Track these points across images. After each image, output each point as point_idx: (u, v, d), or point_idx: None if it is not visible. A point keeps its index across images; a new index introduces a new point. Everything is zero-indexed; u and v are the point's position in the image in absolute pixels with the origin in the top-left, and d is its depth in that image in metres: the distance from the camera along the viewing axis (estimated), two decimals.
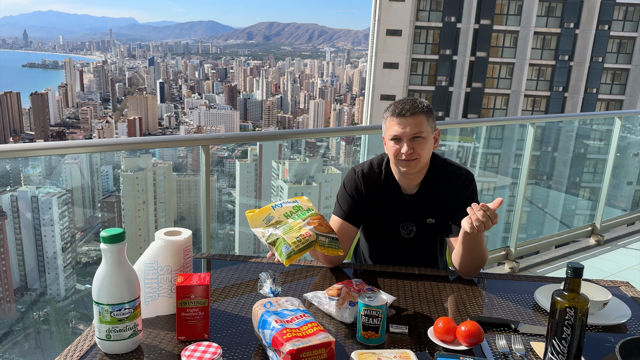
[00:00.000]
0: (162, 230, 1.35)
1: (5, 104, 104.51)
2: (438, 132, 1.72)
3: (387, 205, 1.74)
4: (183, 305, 1.19)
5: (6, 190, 7.62)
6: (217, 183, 12.39)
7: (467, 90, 32.05)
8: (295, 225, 1.36)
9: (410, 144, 1.63)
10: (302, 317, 1.15)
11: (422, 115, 1.63)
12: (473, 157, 5.73)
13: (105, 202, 9.65)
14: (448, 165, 1.74)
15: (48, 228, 8.35)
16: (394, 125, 1.64)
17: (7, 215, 7.83)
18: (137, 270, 1.31)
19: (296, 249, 1.31)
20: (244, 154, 11.50)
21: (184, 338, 1.21)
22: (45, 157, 7.24)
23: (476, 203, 1.46)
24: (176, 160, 17.42)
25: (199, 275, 1.23)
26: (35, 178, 7.78)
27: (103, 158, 8.64)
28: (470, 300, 1.50)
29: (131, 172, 8.74)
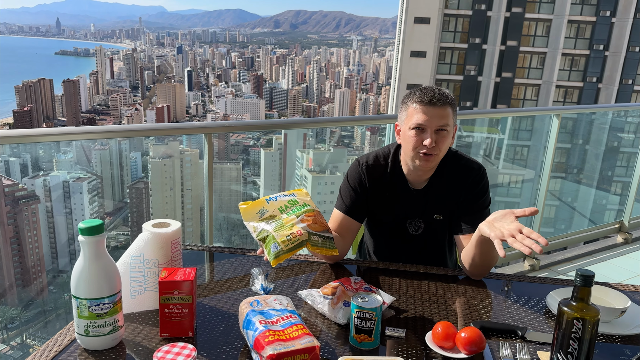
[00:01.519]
0: (150, 222, 1.29)
1: (39, 91, 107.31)
2: (456, 127, 1.62)
3: (393, 200, 1.65)
4: (166, 301, 1.14)
5: (39, 174, 7.78)
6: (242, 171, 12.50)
7: (496, 80, 31.31)
8: (287, 221, 1.29)
9: (434, 137, 1.52)
10: (289, 318, 1.08)
11: (450, 107, 1.53)
12: (498, 149, 5.57)
13: (133, 188, 9.83)
14: (459, 159, 1.64)
15: (78, 212, 8.53)
16: (419, 114, 1.52)
17: (40, 199, 8.00)
18: (123, 263, 1.26)
19: (285, 248, 1.23)
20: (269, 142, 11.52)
21: (167, 335, 1.16)
22: (77, 143, 7.38)
23: (522, 226, 1.30)
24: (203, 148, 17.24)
25: (184, 270, 1.18)
26: (67, 163, 7.95)
27: (132, 145, 8.76)
28: (476, 302, 1.41)
29: (159, 159, 8.87)
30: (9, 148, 8.00)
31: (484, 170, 1.62)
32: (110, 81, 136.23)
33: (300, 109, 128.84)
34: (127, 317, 1.24)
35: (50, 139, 2.26)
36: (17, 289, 3.87)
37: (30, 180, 7.84)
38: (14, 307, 3.81)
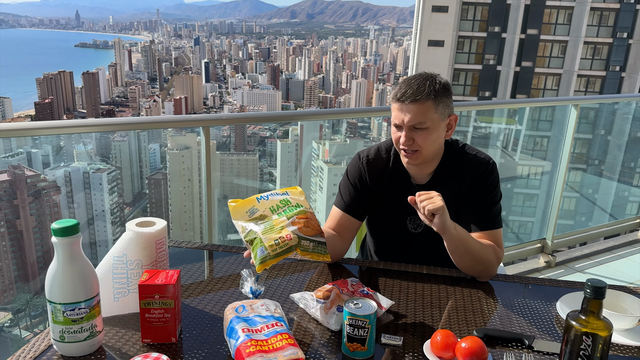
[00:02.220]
0: (134, 221, 1.23)
1: (59, 83, 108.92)
2: (454, 118, 1.49)
3: (394, 196, 1.56)
4: (147, 305, 1.08)
5: (60, 165, 7.87)
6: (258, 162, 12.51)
7: (516, 69, 30.72)
8: (277, 224, 1.21)
9: (409, 134, 1.43)
10: (274, 326, 1.01)
11: (429, 101, 1.40)
12: (515, 141, 5.43)
13: (152, 179, 9.91)
14: (466, 152, 1.54)
15: (98, 203, 8.61)
16: (395, 111, 1.45)
17: (61, 190, 8.10)
18: (106, 264, 1.21)
19: (272, 253, 1.15)
20: (285, 134, 11.49)
21: (149, 341, 1.10)
22: (96, 135, 7.44)
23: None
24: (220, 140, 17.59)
25: (167, 273, 1.11)
26: (86, 155, 8.01)
27: (151, 136, 8.82)
28: (481, 307, 1.32)
29: (177, 150, 8.92)
30: (31, 140, 8.08)
31: (493, 164, 1.52)
32: (129, 73, 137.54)
33: (317, 100, 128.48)
34: (109, 320, 1.19)
35: (41, 132, 2.21)
36: (39, 277, 3.92)
37: (52, 171, 7.94)
38: (37, 296, 3.85)
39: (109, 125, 2.28)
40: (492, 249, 1.44)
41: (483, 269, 1.43)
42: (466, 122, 5.30)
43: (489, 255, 1.42)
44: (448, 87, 1.45)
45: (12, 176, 7.38)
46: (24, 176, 7.53)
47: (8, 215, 7.92)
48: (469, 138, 5.31)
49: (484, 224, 1.48)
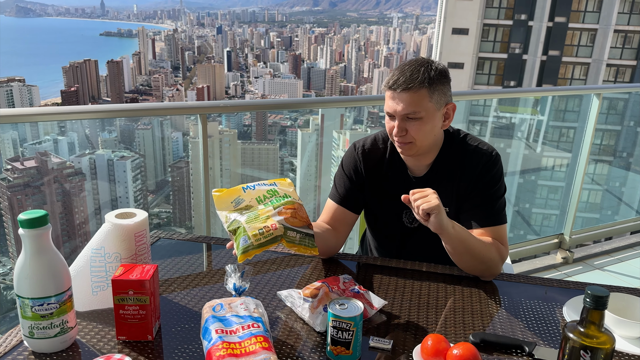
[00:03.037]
0: (114, 212, 1.18)
1: (84, 71, 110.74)
2: (452, 107, 1.39)
3: (390, 188, 1.48)
4: (120, 302, 1.03)
5: (85, 153, 7.98)
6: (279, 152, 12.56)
7: (542, 58, 29.97)
8: (262, 213, 1.14)
9: (402, 124, 1.34)
10: (250, 327, 0.94)
11: (423, 90, 1.30)
12: (536, 132, 5.26)
13: (175, 167, 10.01)
14: (468, 143, 1.44)
15: (122, 190, 8.75)
16: (387, 99, 1.36)
17: (86, 177, 8.21)
18: (84, 256, 1.16)
19: (256, 243, 1.08)
20: (306, 123, 11.42)
21: (124, 338, 1.05)
22: (121, 123, 7.52)
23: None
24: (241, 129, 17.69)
25: (143, 268, 1.06)
26: (111, 142, 8.11)
27: (173, 125, 8.87)
28: (481, 309, 1.23)
29: (199, 139, 8.87)
30: (58, 127, 8.15)
31: (496, 156, 1.41)
32: (152, 62, 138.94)
33: (338, 89, 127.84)
34: (87, 314, 1.14)
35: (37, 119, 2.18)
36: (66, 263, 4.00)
37: (77, 158, 8.05)
38: None
39: (108, 112, 2.24)
40: (495, 246, 1.35)
41: (485, 268, 1.34)
42: (486, 112, 5.16)
43: (491, 253, 1.33)
44: (445, 74, 1.35)
45: (39, 163, 7.50)
46: (51, 163, 7.64)
47: (36, 201, 8.06)
48: (489, 128, 5.16)
49: (486, 220, 1.38)
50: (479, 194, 1.39)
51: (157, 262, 1.40)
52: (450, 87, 1.38)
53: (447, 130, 1.45)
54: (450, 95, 1.39)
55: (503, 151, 5.04)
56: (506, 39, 30.35)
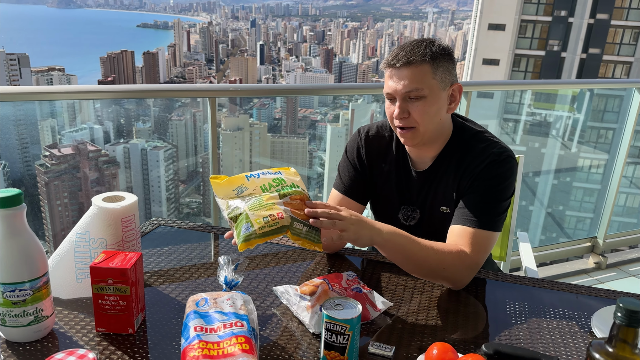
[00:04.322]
0: (102, 195, 1.11)
1: (121, 62, 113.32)
2: (458, 87, 1.24)
3: (389, 181, 1.36)
4: (99, 291, 0.95)
5: (120, 142, 8.16)
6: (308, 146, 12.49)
7: (582, 56, 28.97)
8: (267, 200, 1.04)
9: (403, 105, 1.21)
10: (233, 326, 0.85)
11: (425, 65, 1.18)
12: (572, 130, 5.03)
13: (206, 157, 10.05)
14: (479, 140, 1.27)
15: (155, 179, 8.91)
16: (387, 79, 1.23)
17: (120, 165, 8.41)
18: (69, 241, 1.09)
19: (259, 231, 0.98)
20: (335, 118, 11.38)
21: (104, 330, 0.98)
22: (155, 114, 7.63)
23: None
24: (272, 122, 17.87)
25: (125, 256, 0.98)
26: (145, 132, 8.27)
27: (205, 117, 8.92)
28: (497, 316, 1.11)
29: (230, 130, 9.07)
30: (94, 116, 8.32)
31: (506, 159, 1.22)
32: (187, 54, 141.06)
33: None
34: (71, 302, 1.07)
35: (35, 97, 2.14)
36: None
37: (112, 147, 8.23)
38: None
39: (119, 92, 2.19)
40: (457, 254, 1.15)
41: (443, 277, 1.17)
42: (520, 110, 4.97)
43: (445, 261, 1.14)
44: (449, 52, 1.22)
45: (76, 150, 7.68)
46: (87, 151, 7.81)
47: (71, 187, 8.27)
48: (522, 125, 4.96)
49: (469, 219, 1.19)
50: (473, 192, 1.22)
51: (153, 250, 1.33)
52: (455, 67, 1.25)
53: (458, 123, 1.32)
54: (456, 75, 1.25)
55: (537, 151, 4.83)
56: (544, 36, 29.49)
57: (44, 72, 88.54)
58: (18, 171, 7.39)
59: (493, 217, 1.20)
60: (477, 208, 1.20)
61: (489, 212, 1.20)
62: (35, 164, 7.30)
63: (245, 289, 1.16)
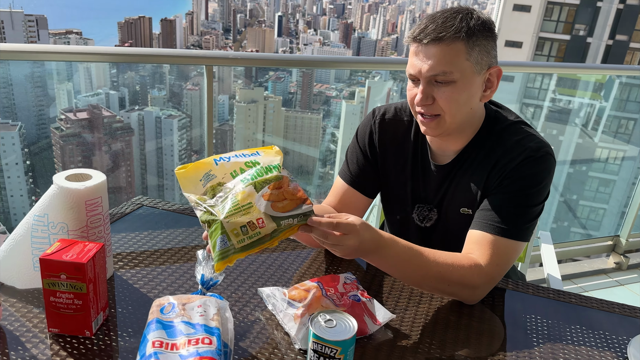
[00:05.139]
0: (66, 172, 0.96)
1: (139, 28, 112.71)
2: (497, 71, 1.05)
3: (405, 174, 1.18)
4: (51, 287, 0.81)
5: (135, 109, 8.09)
6: (322, 122, 12.35)
7: (608, 42, 28.13)
8: (243, 199, 0.85)
9: (427, 90, 1.01)
10: (200, 343, 0.71)
11: (458, 42, 0.97)
12: (597, 119, 4.83)
13: (219, 129, 10.07)
14: (512, 132, 1.08)
15: (168, 148, 8.87)
16: (411, 56, 1.03)
17: (134, 132, 8.35)
18: (25, 223, 0.95)
19: (238, 245, 0.82)
20: (351, 95, 11.18)
21: (57, 331, 0.84)
22: (170, 82, 7.51)
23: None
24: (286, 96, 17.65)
25: (85, 246, 0.83)
26: (160, 100, 8.18)
27: (221, 88, 8.88)
28: (515, 335, 0.96)
29: (244, 103, 8.93)
30: (110, 81, 8.20)
31: (543, 157, 1.03)
32: (205, 22, 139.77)
33: None
34: (25, 294, 0.94)
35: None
36: None
37: (127, 114, 8.16)
38: None
39: (114, 55, 2.03)
40: (469, 269, 0.97)
41: (449, 294, 1.01)
42: (541, 95, 4.79)
43: (451, 277, 0.97)
44: (489, 27, 1.01)
45: (91, 115, 7.60)
46: (102, 116, 7.74)
47: (85, 152, 8.22)
48: (544, 112, 4.78)
49: (492, 224, 1.01)
50: (501, 192, 1.04)
51: (130, 235, 1.19)
52: (495, 46, 1.04)
53: (491, 112, 1.12)
54: (495, 56, 1.05)
55: (555, 138, 4.64)
56: (571, 19, 28.63)
57: (62, 35, 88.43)
58: (34, 133, 7.36)
59: (521, 224, 1.02)
60: (502, 212, 1.02)
61: (517, 218, 1.02)
62: (51, 127, 7.26)
63: (225, 289, 1.01)
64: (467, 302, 1.03)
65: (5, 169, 7.70)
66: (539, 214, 1.05)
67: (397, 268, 0.96)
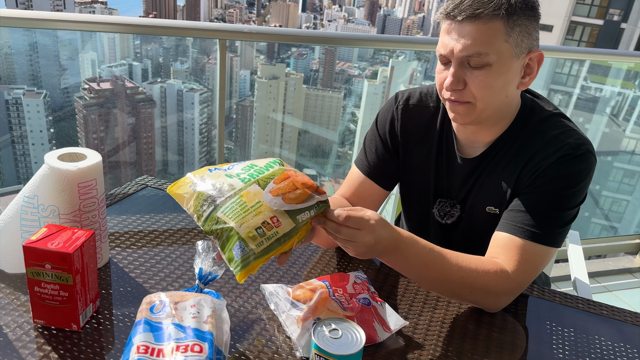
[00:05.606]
0: (59, 151, 0.89)
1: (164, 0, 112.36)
2: (539, 56, 0.93)
3: (428, 165, 1.08)
4: (35, 276, 0.75)
5: (157, 81, 8.07)
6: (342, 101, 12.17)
7: None
8: (249, 199, 0.75)
9: (459, 72, 0.90)
10: (189, 350, 0.64)
11: (497, 20, 0.86)
12: (629, 109, 4.63)
13: (240, 104, 10.02)
14: (549, 124, 0.97)
15: (189, 121, 8.89)
16: (443, 35, 0.91)
17: (156, 104, 8.37)
18: (15, 204, 0.89)
19: (258, 250, 0.72)
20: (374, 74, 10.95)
21: (42, 323, 0.79)
22: (193, 55, 7.47)
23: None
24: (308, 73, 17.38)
25: (73, 233, 0.77)
26: (182, 73, 8.15)
27: (242, 63, 8.75)
28: (540, 349, 0.87)
29: (266, 79, 8.82)
30: (134, 52, 8.19)
31: (584, 155, 0.92)
32: None
33: None
34: (15, 279, 0.88)
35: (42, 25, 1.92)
36: None
37: (150, 85, 8.14)
38: None
39: (125, 25, 1.95)
40: (494, 275, 0.88)
41: (471, 301, 0.93)
42: (570, 82, 4.60)
43: (474, 284, 0.88)
44: (533, 6, 0.89)
45: (113, 85, 7.62)
46: (125, 87, 7.75)
47: (107, 122, 8.28)
48: (573, 100, 4.60)
49: (522, 227, 0.92)
50: (534, 192, 0.94)
51: (131, 219, 1.13)
52: (538, 28, 0.93)
53: (528, 102, 1.01)
54: (537, 38, 0.93)
55: (581, 126, 4.49)
56: (605, 4, 27.59)
57: (87, 4, 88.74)
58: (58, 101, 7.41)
59: (553, 228, 0.92)
60: (534, 214, 0.92)
61: (549, 222, 0.92)
62: (75, 96, 7.30)
63: (225, 284, 0.94)
64: (488, 310, 0.94)
65: (30, 136, 7.79)
66: (573, 218, 0.95)
67: (416, 270, 0.87)
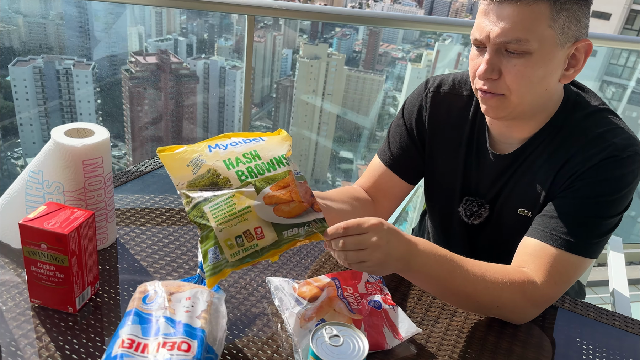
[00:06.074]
0: (67, 126, 0.86)
1: None
2: (587, 46, 0.82)
3: (457, 160, 0.99)
4: (31, 255, 0.73)
5: (201, 57, 8.19)
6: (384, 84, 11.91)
7: None
8: (240, 202, 0.70)
9: (494, 60, 0.81)
10: (175, 348, 0.59)
11: (542, 4, 0.76)
12: None
13: (280, 84, 10.04)
14: (593, 120, 0.87)
15: (230, 98, 8.97)
16: (480, 17, 0.82)
17: (199, 80, 8.51)
18: (21, 179, 0.87)
19: (232, 259, 0.68)
20: (418, 57, 10.64)
21: (39, 303, 0.77)
22: (237, 31, 7.49)
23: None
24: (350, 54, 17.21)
25: (72, 213, 0.74)
26: (226, 50, 8.21)
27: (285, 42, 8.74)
28: None
29: (307, 59, 8.75)
30: (180, 27, 8.30)
31: (631, 157, 0.82)
32: None
33: None
34: (18, 255, 0.87)
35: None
36: None
37: (193, 61, 8.24)
38: None
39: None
40: (520, 287, 0.80)
41: (497, 315, 0.85)
42: (625, 74, 4.33)
43: (500, 298, 0.80)
44: None
45: (159, 60, 7.75)
46: (170, 62, 7.87)
47: (152, 95, 8.45)
48: (627, 93, 4.33)
49: (555, 235, 0.83)
50: (571, 196, 0.84)
51: (144, 198, 1.10)
52: (588, 14, 0.82)
53: (572, 95, 0.90)
54: (587, 26, 0.82)
55: (634, 121, 4.21)
56: None
57: None
58: (106, 74, 7.59)
59: (590, 238, 0.83)
60: (569, 221, 0.83)
61: (586, 231, 0.82)
62: (122, 68, 7.46)
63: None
64: (513, 323, 0.86)
65: (79, 106, 7.99)
66: (614, 227, 0.85)
67: (436, 281, 0.79)
